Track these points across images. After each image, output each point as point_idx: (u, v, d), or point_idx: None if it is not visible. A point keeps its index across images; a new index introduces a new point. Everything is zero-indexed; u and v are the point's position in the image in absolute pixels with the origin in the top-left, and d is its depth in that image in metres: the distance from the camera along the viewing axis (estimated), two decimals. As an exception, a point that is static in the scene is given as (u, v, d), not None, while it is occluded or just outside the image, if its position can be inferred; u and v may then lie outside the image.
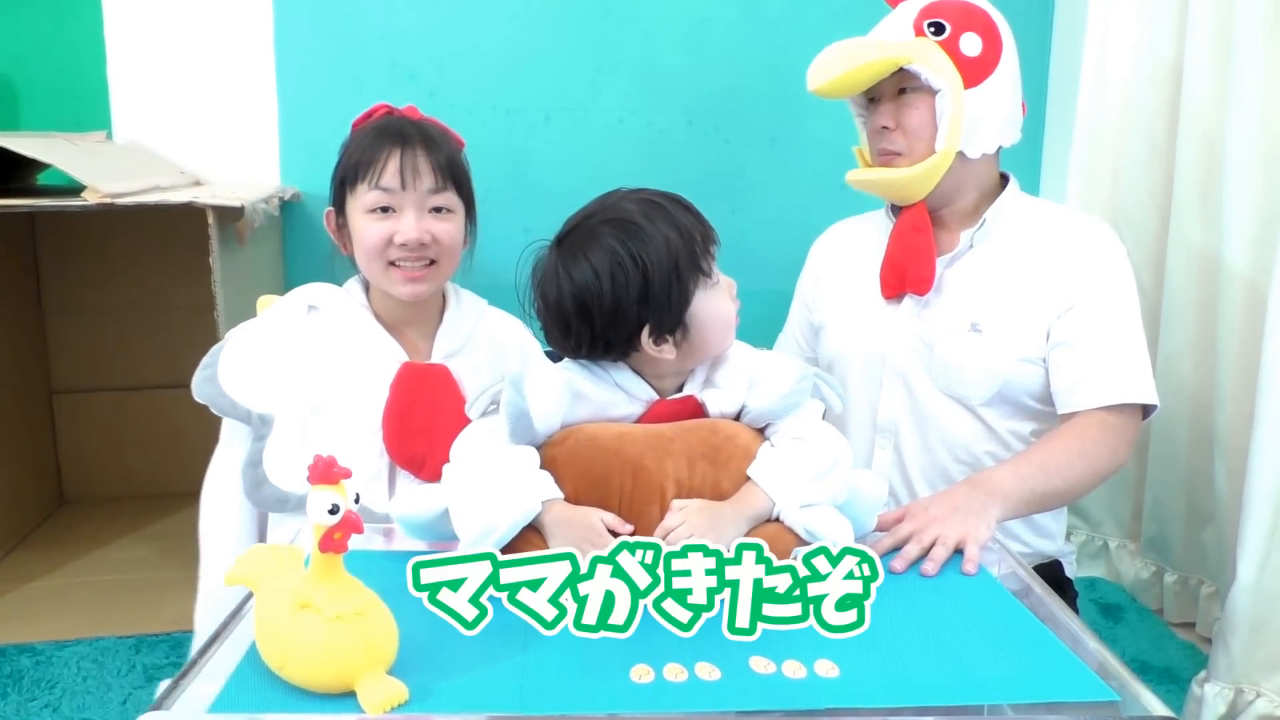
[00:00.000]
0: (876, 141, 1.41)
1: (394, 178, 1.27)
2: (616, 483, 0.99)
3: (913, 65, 1.33)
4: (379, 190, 1.27)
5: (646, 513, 0.98)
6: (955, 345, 1.38)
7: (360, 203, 1.28)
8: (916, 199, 1.40)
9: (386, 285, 1.31)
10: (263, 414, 1.27)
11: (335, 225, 1.37)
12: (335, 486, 0.77)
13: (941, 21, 1.35)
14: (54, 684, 1.72)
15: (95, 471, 2.53)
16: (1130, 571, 2.23)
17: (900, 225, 1.42)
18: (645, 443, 1.00)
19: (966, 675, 0.83)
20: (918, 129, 1.37)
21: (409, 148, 1.28)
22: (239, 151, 2.24)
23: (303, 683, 0.78)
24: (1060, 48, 2.28)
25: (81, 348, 2.49)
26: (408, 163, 1.27)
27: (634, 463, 0.99)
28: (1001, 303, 1.37)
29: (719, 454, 1.00)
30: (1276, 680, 1.60)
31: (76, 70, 2.19)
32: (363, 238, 1.29)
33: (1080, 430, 1.30)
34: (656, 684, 0.80)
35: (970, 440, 1.40)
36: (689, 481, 0.99)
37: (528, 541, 0.98)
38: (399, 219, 1.28)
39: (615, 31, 2.24)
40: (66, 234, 2.41)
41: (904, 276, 1.41)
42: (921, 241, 1.39)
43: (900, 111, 1.37)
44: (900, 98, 1.37)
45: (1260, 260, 1.72)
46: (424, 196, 1.28)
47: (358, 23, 2.19)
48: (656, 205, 1.03)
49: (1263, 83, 1.70)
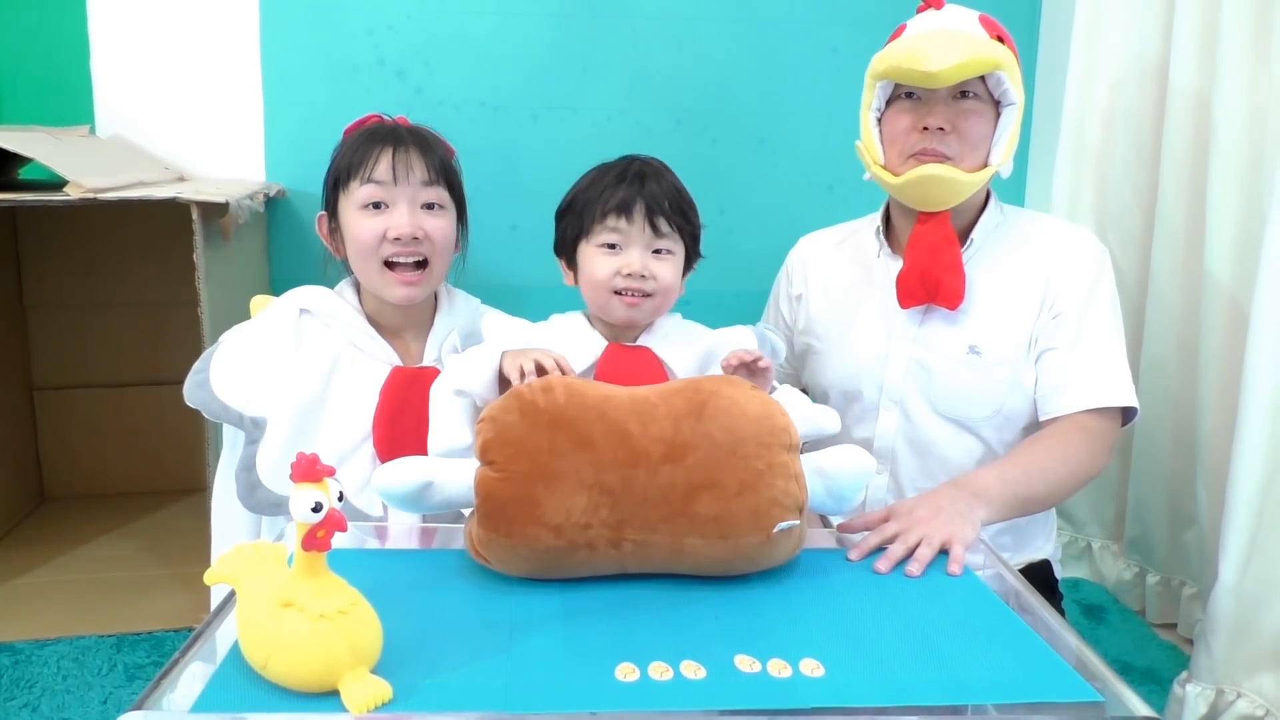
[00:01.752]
0: (918, 141, 1.33)
1: (386, 171, 1.27)
2: (600, 443, 0.97)
3: (1000, 71, 1.29)
4: (372, 184, 1.27)
5: (631, 477, 0.96)
6: (955, 369, 1.38)
7: (353, 199, 1.29)
8: (947, 205, 1.35)
9: (381, 288, 1.31)
10: (255, 417, 1.26)
11: (328, 230, 1.36)
12: (318, 484, 0.77)
13: (1002, 38, 1.32)
14: (33, 683, 1.70)
15: (76, 468, 2.51)
16: (1113, 572, 2.24)
17: (927, 236, 1.36)
18: (630, 408, 0.99)
19: (951, 675, 0.83)
20: (978, 138, 1.32)
21: (400, 146, 1.29)
22: (224, 147, 2.23)
23: (286, 682, 0.78)
24: (1046, 50, 2.29)
25: (63, 344, 2.47)
26: (400, 159, 1.28)
27: (619, 427, 0.98)
28: (995, 321, 1.38)
29: (705, 409, 0.99)
30: (1257, 681, 1.62)
31: (59, 64, 2.17)
32: (356, 235, 1.29)
33: (1062, 435, 1.31)
34: (641, 683, 0.80)
35: (968, 461, 1.40)
36: (675, 438, 0.97)
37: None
38: (391, 214, 1.28)
39: (604, 30, 2.24)
40: (49, 229, 2.39)
41: (935, 289, 1.36)
42: (953, 255, 1.35)
43: (960, 116, 1.31)
44: (960, 102, 1.32)
45: (1244, 265, 1.73)
46: (416, 190, 1.29)
47: (344, 18, 2.18)
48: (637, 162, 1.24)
49: (1249, 86, 1.71)
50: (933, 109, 1.32)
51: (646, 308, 1.23)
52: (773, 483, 0.97)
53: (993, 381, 1.37)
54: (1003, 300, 1.38)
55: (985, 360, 1.37)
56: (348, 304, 1.35)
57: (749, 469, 0.96)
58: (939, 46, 1.27)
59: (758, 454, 0.97)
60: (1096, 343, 1.35)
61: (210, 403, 1.27)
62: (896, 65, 1.30)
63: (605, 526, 0.95)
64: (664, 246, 1.22)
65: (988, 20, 1.34)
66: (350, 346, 1.32)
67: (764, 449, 0.97)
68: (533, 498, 0.95)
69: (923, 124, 1.32)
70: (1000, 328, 1.37)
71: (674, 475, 0.96)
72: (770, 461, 0.97)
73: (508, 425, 0.98)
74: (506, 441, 0.97)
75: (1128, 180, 2.08)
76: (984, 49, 1.28)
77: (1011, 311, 1.38)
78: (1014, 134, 1.32)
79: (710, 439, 0.97)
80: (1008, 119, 1.32)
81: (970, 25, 1.33)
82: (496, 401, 1.01)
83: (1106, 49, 2.09)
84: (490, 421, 0.99)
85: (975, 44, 1.28)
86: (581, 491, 0.95)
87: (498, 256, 2.24)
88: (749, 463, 0.97)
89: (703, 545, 0.96)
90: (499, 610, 0.93)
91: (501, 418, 0.98)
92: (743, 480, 0.96)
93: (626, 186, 1.21)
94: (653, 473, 0.96)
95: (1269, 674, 1.60)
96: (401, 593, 0.96)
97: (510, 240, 2.25)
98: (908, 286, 1.38)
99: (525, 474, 0.96)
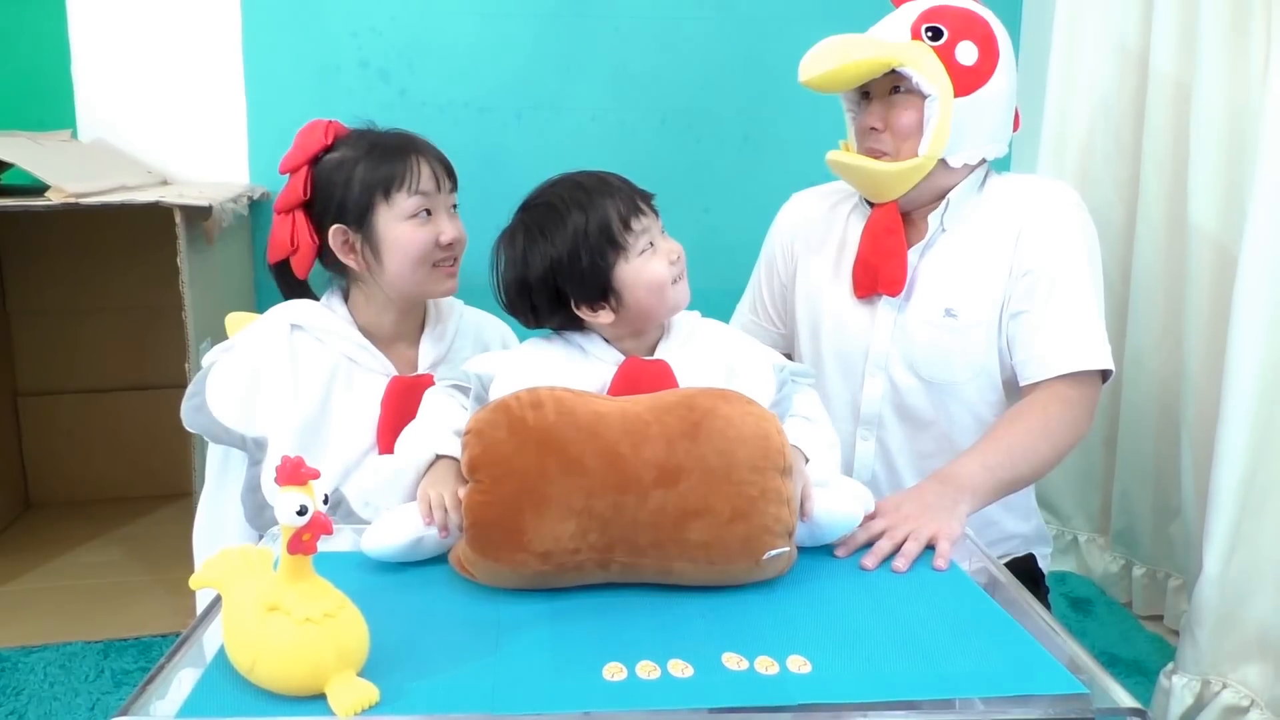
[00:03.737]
0: (864, 140, 1.39)
1: (430, 181, 1.30)
2: (590, 467, 0.95)
3: (904, 68, 1.31)
4: (419, 195, 1.29)
5: (621, 503, 0.94)
6: (934, 333, 1.38)
7: (397, 211, 1.29)
8: (890, 197, 1.39)
9: (430, 286, 1.33)
10: (256, 438, 1.26)
11: (350, 244, 1.31)
12: (303, 487, 0.77)
13: (940, 27, 1.33)
14: (20, 690, 1.70)
15: (61, 475, 2.50)
16: (1099, 565, 2.26)
17: (872, 226, 1.41)
18: (621, 428, 0.96)
19: (938, 670, 0.84)
20: (905, 131, 1.35)
21: (427, 155, 1.31)
22: (207, 150, 2.22)
23: (272, 686, 0.78)
24: (1028, 43, 2.30)
25: (47, 349, 2.45)
26: (435, 167, 1.31)
27: (610, 449, 0.95)
28: (972, 283, 1.38)
29: (699, 429, 0.97)
30: (1242, 672, 1.63)
31: (40, 68, 2.16)
32: (407, 245, 1.29)
33: (1043, 408, 1.31)
34: (629, 682, 0.80)
35: (952, 424, 1.41)
36: (668, 461, 0.95)
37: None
38: (436, 221, 1.31)
39: (588, 29, 2.24)
40: (31, 234, 2.37)
41: (876, 277, 1.40)
42: (893, 243, 1.38)
43: (889, 112, 1.36)
44: (891, 98, 1.36)
45: (1225, 256, 1.74)
46: (448, 197, 1.34)
47: (327, 20, 2.18)
48: (580, 188, 1.16)
49: (1229, 77, 1.72)
50: (869, 108, 1.39)
51: None
52: (765, 509, 0.95)
53: (970, 344, 1.37)
54: (976, 261, 1.38)
55: (961, 322, 1.37)
56: (339, 317, 1.34)
57: (742, 495, 0.95)
58: (820, 56, 1.34)
59: (751, 479, 0.96)
60: (1070, 303, 1.34)
61: (211, 426, 1.26)
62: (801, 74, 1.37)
63: (593, 550, 0.94)
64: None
65: (935, 12, 1.35)
66: (345, 360, 1.31)
67: (758, 474, 0.96)
68: (520, 524, 0.93)
69: (859, 123, 1.40)
70: (975, 289, 1.38)
71: (665, 501, 0.94)
72: (764, 487, 0.96)
73: (496, 442, 0.95)
74: (494, 460, 0.95)
75: (1109, 173, 2.09)
76: (865, 51, 1.31)
77: (984, 272, 1.38)
78: (939, 123, 1.33)
79: (704, 462, 0.95)
80: (930, 110, 1.33)
81: (887, 27, 1.37)
82: (483, 413, 0.98)
83: (1087, 42, 2.10)
84: (477, 436, 0.96)
85: (854, 49, 1.32)
86: (570, 518, 0.93)
87: (484, 256, 2.23)
88: (742, 489, 0.95)
89: (691, 569, 0.96)
90: (486, 612, 0.93)
91: (489, 434, 0.96)
92: (735, 507, 0.95)
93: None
94: (643, 498, 0.94)
95: (1254, 664, 1.61)
96: (388, 595, 0.96)
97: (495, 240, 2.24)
98: (857, 276, 1.43)
99: (513, 496, 0.94)
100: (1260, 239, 1.52)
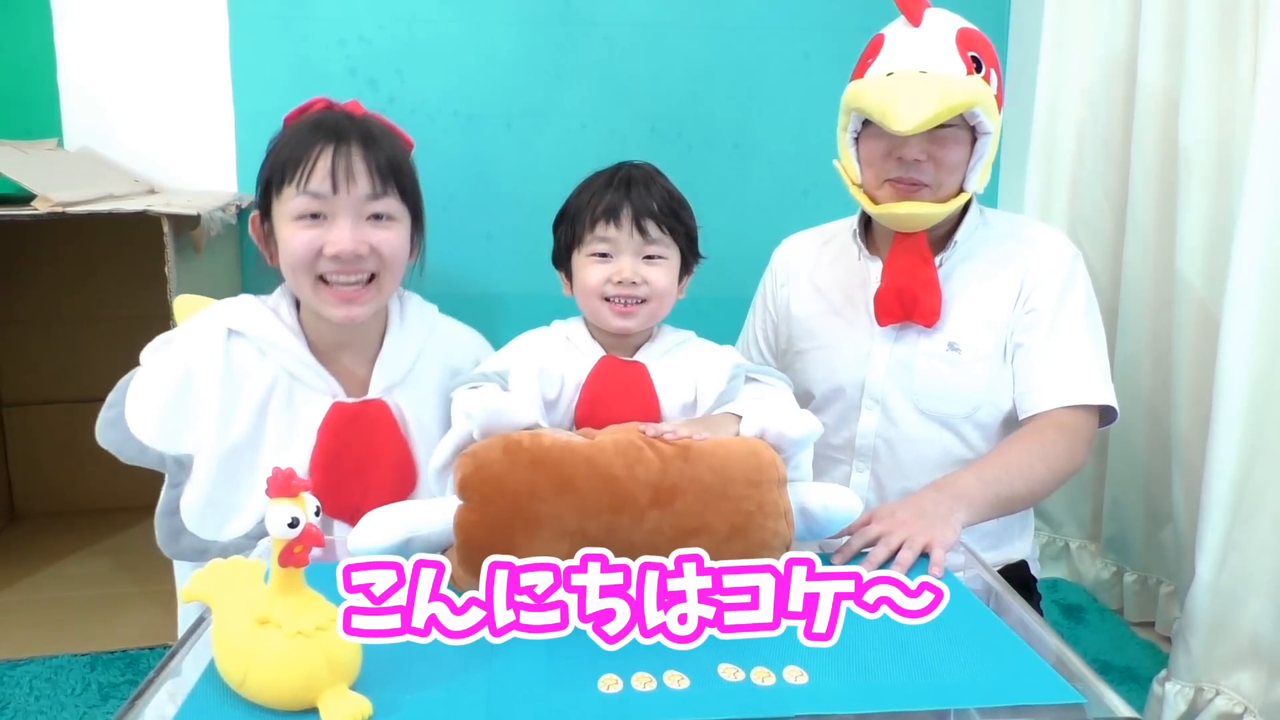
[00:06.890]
0: (895, 168, 1.32)
1: (324, 181, 1.11)
2: (583, 487, 0.95)
3: (976, 109, 1.28)
4: (307, 195, 1.11)
5: (615, 524, 0.94)
6: (936, 366, 1.39)
7: (286, 209, 1.13)
8: (923, 229, 1.36)
9: (317, 305, 1.16)
10: (179, 456, 1.14)
11: (261, 232, 1.20)
12: (295, 499, 0.76)
13: (979, 56, 1.31)
14: (5, 704, 1.68)
15: (48, 486, 2.48)
16: (1091, 572, 2.26)
17: (903, 257, 1.37)
18: (615, 451, 0.97)
19: (933, 680, 0.84)
20: (953, 165, 1.32)
21: (343, 146, 1.13)
22: (194, 159, 2.21)
23: (263, 700, 0.77)
24: (1016, 52, 2.31)
25: (33, 360, 2.44)
26: (340, 163, 1.11)
27: (603, 469, 0.96)
28: (974, 319, 1.39)
29: (690, 451, 0.98)
30: (1235, 678, 1.63)
31: (25, 76, 2.14)
32: (289, 248, 1.13)
33: (1040, 432, 1.32)
34: (625, 694, 0.80)
35: (947, 459, 1.41)
36: (663, 481, 0.96)
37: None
38: (330, 227, 1.13)
39: (577, 37, 2.24)
40: (17, 244, 2.36)
41: (911, 307, 1.37)
42: (929, 273, 1.37)
43: (937, 147, 1.30)
44: (939, 132, 1.30)
45: (1215, 263, 1.75)
46: (360, 203, 1.13)
47: (315, 28, 2.17)
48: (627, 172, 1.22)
49: (1216, 86, 1.73)
50: (908, 140, 1.29)
51: (641, 314, 1.20)
52: (763, 524, 0.96)
53: (972, 378, 1.38)
54: (981, 298, 1.40)
55: (964, 357, 1.38)
56: (283, 324, 1.19)
57: (739, 511, 0.95)
58: (909, 101, 1.24)
59: (748, 494, 0.96)
60: (1071, 340, 1.36)
61: (125, 444, 1.14)
62: (868, 111, 1.28)
63: None
64: (655, 252, 1.20)
65: (966, 36, 1.32)
66: (286, 375, 1.18)
67: (754, 488, 0.96)
68: (511, 545, 0.91)
69: (899, 154, 1.32)
70: (978, 325, 1.39)
71: (662, 521, 0.94)
72: (760, 501, 0.96)
73: (489, 462, 0.95)
74: (486, 479, 0.95)
75: (1098, 181, 2.10)
76: (956, 94, 1.25)
77: (989, 309, 1.39)
78: (989, 159, 1.33)
79: (699, 481, 0.95)
80: (983, 147, 1.32)
81: (945, 58, 1.29)
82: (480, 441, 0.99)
83: (1076, 51, 2.11)
84: (471, 457, 0.96)
85: (947, 91, 1.25)
86: (563, 539, 0.93)
87: (473, 265, 2.23)
88: (739, 505, 0.95)
89: None
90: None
91: (483, 454, 0.96)
92: (733, 524, 0.95)
93: (613, 193, 1.19)
94: (638, 519, 0.94)
95: (1247, 671, 1.61)
96: (380, 607, 0.95)
97: (485, 249, 2.24)
98: (885, 304, 1.39)
99: (504, 516, 0.93)
100: (1249, 246, 1.52)
